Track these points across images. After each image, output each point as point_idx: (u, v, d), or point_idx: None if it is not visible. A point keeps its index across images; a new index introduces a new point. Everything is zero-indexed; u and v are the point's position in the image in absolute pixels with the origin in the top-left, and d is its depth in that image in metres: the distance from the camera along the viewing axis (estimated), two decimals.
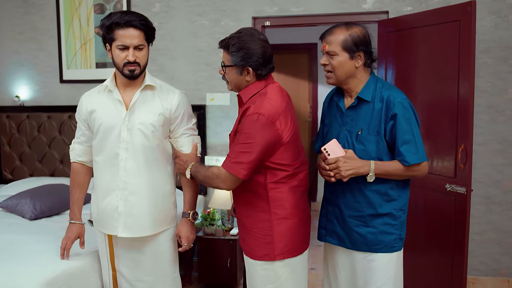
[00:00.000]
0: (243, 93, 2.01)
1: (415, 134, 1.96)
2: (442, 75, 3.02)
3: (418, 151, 1.96)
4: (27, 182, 3.96)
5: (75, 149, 2.29)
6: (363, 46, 1.99)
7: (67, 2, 4.18)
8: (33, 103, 4.37)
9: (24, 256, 2.40)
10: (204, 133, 3.98)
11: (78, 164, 2.29)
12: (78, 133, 2.29)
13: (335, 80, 2.05)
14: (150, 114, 2.18)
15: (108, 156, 2.17)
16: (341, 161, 1.94)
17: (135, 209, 2.17)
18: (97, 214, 2.26)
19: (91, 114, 2.19)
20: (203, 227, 3.73)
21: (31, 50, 4.34)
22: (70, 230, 2.30)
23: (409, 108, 1.97)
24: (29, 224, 3.05)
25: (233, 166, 1.91)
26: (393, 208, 2.04)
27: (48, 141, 4.29)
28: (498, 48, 3.48)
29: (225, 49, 2.00)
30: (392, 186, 2.02)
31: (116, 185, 2.15)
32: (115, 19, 2.02)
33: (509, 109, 3.52)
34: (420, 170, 2.01)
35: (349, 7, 3.68)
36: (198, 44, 3.97)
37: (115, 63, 2.10)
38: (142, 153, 2.16)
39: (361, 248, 2.08)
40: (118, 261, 2.22)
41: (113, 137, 2.14)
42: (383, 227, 2.04)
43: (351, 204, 2.07)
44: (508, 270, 3.62)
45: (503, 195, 3.58)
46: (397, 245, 2.07)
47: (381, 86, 2.02)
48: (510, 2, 3.43)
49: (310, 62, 6.13)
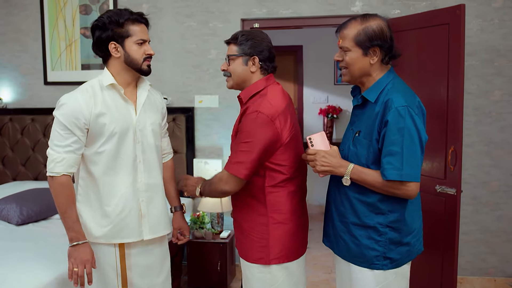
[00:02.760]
0: (244, 93, 2.02)
1: (404, 147, 1.71)
2: (431, 78, 3.05)
3: (402, 168, 1.72)
4: (10, 186, 3.86)
5: (65, 159, 1.95)
6: (378, 41, 1.79)
7: (52, 3, 4.10)
8: (17, 105, 4.27)
9: (14, 263, 2.34)
10: (193, 135, 3.95)
11: (67, 176, 1.97)
12: (67, 140, 1.96)
13: (349, 77, 1.89)
14: (156, 114, 2.20)
15: (127, 160, 2.07)
16: (319, 154, 1.84)
17: (156, 209, 2.17)
18: (112, 227, 2.05)
19: (98, 118, 1.99)
20: (192, 231, 3.69)
21: (14, 52, 4.24)
22: (84, 252, 1.98)
23: (407, 117, 1.72)
24: (16, 230, 2.98)
25: (234, 167, 1.90)
26: (378, 222, 1.83)
27: (32, 145, 4.19)
28: (484, 51, 3.54)
29: (233, 40, 2.03)
30: (382, 198, 1.82)
31: (137, 188, 2.10)
32: (129, 16, 2.00)
33: (495, 111, 3.58)
34: (403, 190, 1.76)
35: (337, 9, 3.70)
36: (186, 46, 3.93)
37: (131, 59, 2.03)
38: (155, 153, 2.18)
39: (344, 256, 1.97)
40: (130, 273, 2.12)
41: (129, 140, 2.07)
42: (366, 240, 1.86)
43: (339, 207, 1.95)
44: (495, 269, 3.68)
45: (490, 195, 3.64)
46: (379, 263, 1.85)
47: (390, 87, 1.82)
48: (496, 6, 3.50)
49: (296, 64, 6.15)
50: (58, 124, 1.97)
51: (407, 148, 1.72)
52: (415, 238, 1.92)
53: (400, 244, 1.86)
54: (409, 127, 1.72)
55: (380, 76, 1.85)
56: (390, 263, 1.86)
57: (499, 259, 3.67)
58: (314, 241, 4.21)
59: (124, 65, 2.05)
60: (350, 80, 1.90)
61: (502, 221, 3.64)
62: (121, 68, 2.06)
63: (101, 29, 2.01)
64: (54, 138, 1.97)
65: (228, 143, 3.91)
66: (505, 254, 3.66)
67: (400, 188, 1.76)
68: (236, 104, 3.85)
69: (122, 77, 2.07)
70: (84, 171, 2.06)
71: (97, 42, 2.04)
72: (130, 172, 2.07)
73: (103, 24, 2.00)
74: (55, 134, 1.98)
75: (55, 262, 2.34)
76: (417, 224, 1.94)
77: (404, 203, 1.85)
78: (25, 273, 2.22)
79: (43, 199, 3.27)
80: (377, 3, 3.64)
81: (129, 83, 2.11)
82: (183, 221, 2.35)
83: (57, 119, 1.98)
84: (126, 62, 2.04)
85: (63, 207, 1.97)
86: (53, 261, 2.36)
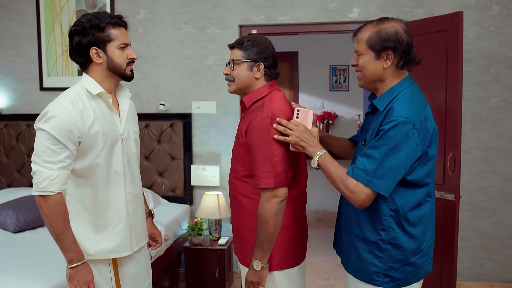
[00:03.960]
0: (247, 98, 2.01)
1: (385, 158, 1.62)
2: (429, 84, 3.07)
3: (367, 173, 1.64)
4: (5, 193, 3.81)
5: (60, 176, 1.79)
6: (391, 43, 1.69)
7: (48, 8, 4.08)
8: (12, 111, 4.24)
9: (15, 271, 2.31)
10: (190, 141, 3.94)
11: (61, 194, 1.82)
12: (60, 156, 1.78)
13: (363, 81, 1.80)
14: (135, 122, 2.13)
15: (118, 171, 1.97)
16: (300, 128, 1.80)
17: (141, 218, 2.13)
18: (108, 242, 1.97)
19: (90, 129, 1.86)
20: (190, 237, 3.67)
21: (9, 57, 4.21)
22: (86, 272, 1.87)
23: (401, 129, 1.62)
24: (14, 237, 2.94)
25: (277, 180, 1.85)
26: (379, 239, 1.75)
27: (27, 151, 4.16)
28: (481, 58, 3.57)
29: (238, 45, 2.01)
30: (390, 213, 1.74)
31: (125, 200, 2.02)
32: (109, 19, 1.90)
33: (491, 117, 3.61)
34: (356, 195, 1.66)
35: (335, 16, 3.72)
36: (184, 52, 3.93)
37: (114, 65, 1.92)
38: (137, 162, 2.11)
39: (346, 267, 1.91)
40: (123, 283, 2.07)
41: (118, 150, 1.97)
42: (367, 254, 1.78)
43: (345, 216, 1.90)
44: (492, 275, 3.69)
45: (487, 201, 3.65)
46: (379, 280, 1.76)
47: (401, 96, 1.72)
48: (492, 13, 3.53)
49: (291, 70, 6.17)
50: (48, 138, 1.78)
51: (386, 159, 1.63)
52: (423, 259, 1.80)
53: (405, 264, 1.76)
54: (398, 139, 1.62)
55: (395, 83, 1.75)
56: (391, 281, 1.76)
57: (497, 265, 3.68)
58: (311, 247, 4.20)
59: (107, 71, 1.93)
60: (364, 85, 1.82)
61: (499, 226, 3.66)
62: (104, 74, 1.93)
63: (81, 34, 1.87)
64: (43, 154, 1.77)
65: (225, 149, 3.90)
66: (503, 259, 3.67)
67: (355, 192, 1.67)
68: (234, 110, 3.87)
69: (105, 84, 1.94)
70: (73, 186, 1.92)
71: (76, 48, 1.90)
72: (121, 183, 1.99)
73: (83, 29, 1.86)
74: (42, 149, 1.78)
75: (55, 270, 2.32)
76: (426, 244, 1.81)
77: (414, 222, 1.75)
78: (26, 282, 2.19)
79: None
80: (375, 10, 3.66)
81: (112, 90, 1.99)
82: (154, 226, 2.29)
83: (46, 133, 1.78)
84: (109, 68, 1.92)
85: (60, 228, 1.81)
86: (53, 269, 2.33)
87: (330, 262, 4.38)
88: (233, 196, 2.03)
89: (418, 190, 1.75)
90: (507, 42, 3.54)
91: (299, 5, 3.75)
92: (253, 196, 1.96)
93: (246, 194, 1.97)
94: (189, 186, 3.95)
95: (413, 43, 1.75)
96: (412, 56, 1.74)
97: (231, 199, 2.07)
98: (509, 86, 3.57)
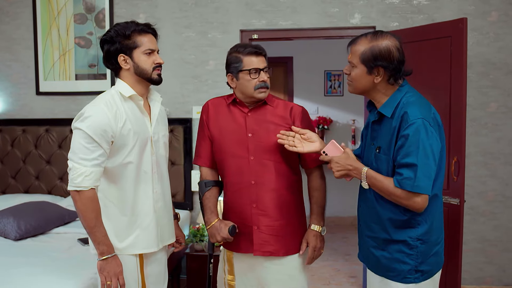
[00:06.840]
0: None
1: (419, 159, 1.73)
2: (433, 89, 3.09)
3: (415, 179, 1.74)
4: (0, 200, 3.73)
5: (93, 172, 1.93)
6: (383, 61, 1.79)
7: (45, 12, 4.02)
8: (7, 116, 4.15)
9: (19, 279, 2.26)
10: (191, 146, 3.90)
11: (94, 190, 1.95)
12: (94, 153, 1.92)
13: (353, 89, 1.92)
14: (165, 126, 2.26)
15: (147, 171, 2.09)
16: (332, 161, 1.93)
17: (167, 218, 2.21)
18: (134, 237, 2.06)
19: (122, 130, 1.99)
20: (192, 244, 3.63)
21: (4, 60, 4.14)
22: (116, 264, 1.97)
23: (422, 130, 1.74)
24: (15, 245, 2.87)
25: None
26: (408, 236, 1.85)
27: (22, 157, 4.07)
28: (480, 64, 3.62)
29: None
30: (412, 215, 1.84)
31: (153, 198, 2.11)
32: (135, 27, 2.03)
33: (491, 122, 3.66)
34: (411, 201, 1.77)
35: (337, 21, 3.73)
36: (185, 56, 3.90)
37: (141, 70, 2.05)
38: (166, 164, 2.24)
39: (376, 271, 1.97)
40: (148, 282, 2.13)
41: (148, 151, 2.09)
42: (397, 254, 1.87)
43: (368, 223, 1.97)
44: (492, 278, 3.73)
45: (487, 205, 3.70)
46: (411, 276, 1.86)
47: (406, 101, 1.82)
48: (491, 20, 3.59)
49: (286, 75, 6.18)
50: (83, 137, 1.92)
51: (421, 161, 1.73)
52: (442, 248, 1.95)
53: (430, 256, 1.88)
54: (424, 140, 1.74)
55: (392, 92, 1.87)
56: (421, 275, 1.86)
57: (496, 268, 3.72)
58: None
59: (135, 76, 2.06)
60: (353, 92, 1.95)
61: (498, 230, 3.70)
62: (133, 79, 2.07)
63: (109, 42, 2.03)
64: (79, 152, 1.92)
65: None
66: (502, 263, 3.71)
67: (409, 199, 1.77)
68: None
69: (136, 88, 2.09)
70: (104, 183, 2.04)
71: (106, 56, 2.07)
72: (149, 182, 2.09)
73: (110, 38, 2.03)
74: (78, 147, 1.92)
75: (65, 277, 2.30)
76: (443, 234, 1.97)
77: (433, 214, 1.88)
78: None
79: (41, 213, 3.17)
80: (376, 15, 3.68)
81: (143, 94, 2.13)
82: (179, 229, 2.40)
83: (82, 132, 1.92)
84: (137, 73, 2.06)
85: (92, 222, 1.93)
86: (62, 276, 2.31)
87: (330, 267, 4.38)
88: (281, 202, 2.17)
89: (435, 182, 1.84)
90: (506, 48, 3.59)
91: (300, 10, 3.76)
92: (291, 189, 2.19)
93: (292, 189, 2.20)
94: (189, 191, 3.92)
95: (404, 58, 1.85)
96: (403, 71, 1.85)
97: (275, 208, 2.16)
98: (508, 91, 3.63)
